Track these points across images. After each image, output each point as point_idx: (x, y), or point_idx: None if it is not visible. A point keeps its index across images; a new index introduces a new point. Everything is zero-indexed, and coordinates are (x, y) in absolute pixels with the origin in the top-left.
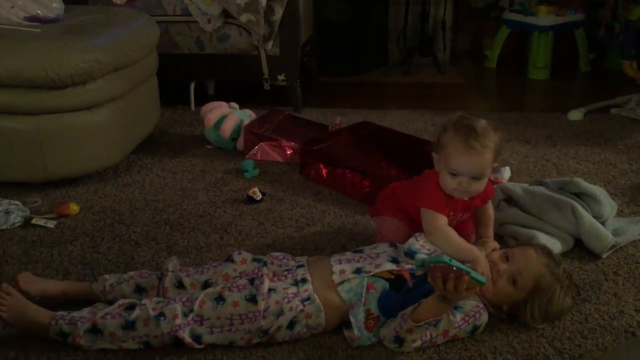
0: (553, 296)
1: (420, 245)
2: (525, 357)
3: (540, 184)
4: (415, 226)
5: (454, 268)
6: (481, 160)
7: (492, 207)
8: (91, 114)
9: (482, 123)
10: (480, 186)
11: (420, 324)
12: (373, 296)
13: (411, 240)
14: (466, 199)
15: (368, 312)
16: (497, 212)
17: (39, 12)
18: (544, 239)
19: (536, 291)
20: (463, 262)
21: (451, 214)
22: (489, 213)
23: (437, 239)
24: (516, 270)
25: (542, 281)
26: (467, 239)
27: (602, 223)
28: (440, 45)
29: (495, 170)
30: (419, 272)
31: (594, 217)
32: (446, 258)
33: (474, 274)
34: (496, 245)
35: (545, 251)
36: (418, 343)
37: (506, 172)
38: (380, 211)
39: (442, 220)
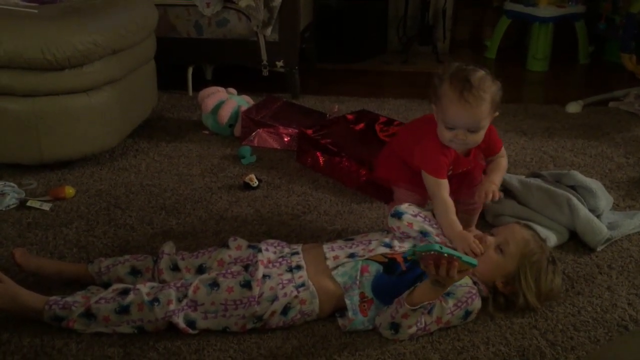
0: (541, 266)
1: (406, 207)
2: (517, 348)
3: (537, 176)
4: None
5: (445, 255)
6: (476, 113)
7: (505, 159)
8: (88, 97)
9: (478, 74)
10: (478, 138)
11: (416, 307)
12: (367, 279)
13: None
14: (463, 149)
15: (362, 295)
16: (493, 204)
17: None
18: (539, 231)
19: (524, 258)
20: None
21: (451, 168)
22: (502, 164)
23: (437, 208)
24: (502, 239)
25: (528, 247)
26: (472, 185)
27: (598, 216)
28: (440, 35)
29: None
30: (410, 257)
31: (590, 210)
32: (437, 246)
33: (465, 257)
34: (478, 233)
35: (528, 226)
36: (413, 329)
37: None
38: (393, 178)
39: (445, 187)
